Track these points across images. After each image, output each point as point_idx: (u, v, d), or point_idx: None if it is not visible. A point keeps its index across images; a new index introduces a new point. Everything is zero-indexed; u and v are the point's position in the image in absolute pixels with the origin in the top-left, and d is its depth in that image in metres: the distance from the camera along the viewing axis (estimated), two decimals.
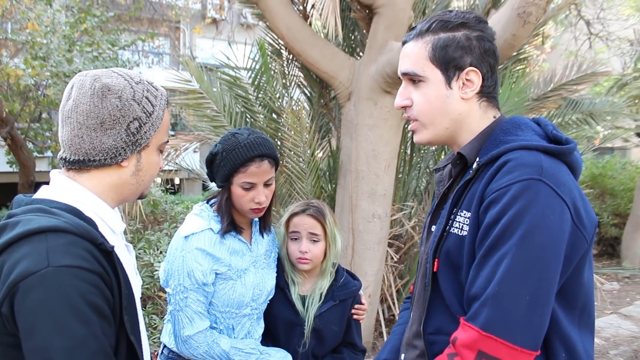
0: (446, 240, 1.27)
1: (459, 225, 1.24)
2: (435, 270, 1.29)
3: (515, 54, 4.96)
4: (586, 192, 9.11)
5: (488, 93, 1.33)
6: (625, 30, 11.40)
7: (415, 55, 1.33)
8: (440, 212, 1.39)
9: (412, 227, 4.73)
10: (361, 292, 2.25)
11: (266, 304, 2.07)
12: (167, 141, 1.39)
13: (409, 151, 5.04)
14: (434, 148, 5.15)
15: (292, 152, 4.10)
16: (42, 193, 1.25)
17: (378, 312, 4.45)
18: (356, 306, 2.20)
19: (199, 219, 1.94)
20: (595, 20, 10.56)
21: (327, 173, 4.82)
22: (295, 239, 2.06)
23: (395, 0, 3.71)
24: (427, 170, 5.19)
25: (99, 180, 1.27)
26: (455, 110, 1.31)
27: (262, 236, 2.09)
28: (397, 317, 4.41)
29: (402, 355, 1.48)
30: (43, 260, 1.06)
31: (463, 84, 1.30)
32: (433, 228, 1.40)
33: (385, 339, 4.13)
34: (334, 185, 4.68)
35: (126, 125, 1.24)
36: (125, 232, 4.21)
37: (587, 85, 4.99)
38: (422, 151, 5.17)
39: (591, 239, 1.20)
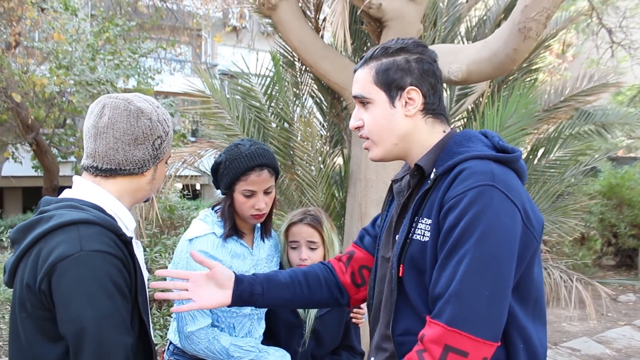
0: (409, 247, 1.37)
1: (421, 232, 1.35)
2: (400, 275, 1.39)
3: (526, 65, 5.01)
4: (603, 202, 9.05)
5: (432, 110, 1.45)
6: None
7: (362, 79, 1.48)
8: (402, 221, 1.49)
9: None
10: None
11: None
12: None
13: None
14: None
15: (304, 161, 4.20)
16: (68, 194, 1.48)
17: None
18: (354, 310, 2.30)
19: (204, 224, 2.07)
20: (618, 29, 10.49)
21: (339, 181, 4.91)
22: (295, 247, 2.17)
23: (405, 14, 3.80)
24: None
25: (121, 186, 1.50)
26: (401, 127, 1.44)
27: (264, 241, 2.20)
28: None
29: (372, 359, 1.58)
30: (77, 245, 1.28)
31: (406, 102, 1.43)
32: (397, 237, 1.49)
33: None
34: (345, 193, 4.77)
35: (152, 142, 1.48)
36: (142, 236, 4.37)
37: (598, 96, 4.99)
38: None
39: (539, 237, 1.31)
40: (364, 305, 2.36)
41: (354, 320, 2.33)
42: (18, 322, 1.36)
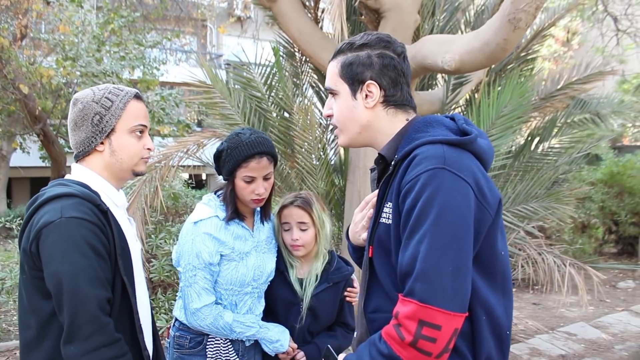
0: (377, 229, 1.48)
1: (386, 215, 1.45)
2: (370, 255, 1.50)
3: (523, 54, 5.09)
4: (604, 190, 9.11)
5: (394, 101, 1.54)
6: None
7: (331, 72, 1.59)
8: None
9: None
10: (354, 276, 2.47)
11: (267, 285, 2.30)
12: (144, 125, 1.77)
13: None
14: None
15: (303, 149, 4.31)
16: (66, 176, 1.73)
17: None
18: (348, 289, 2.42)
19: (207, 208, 2.19)
20: (623, 17, 10.46)
21: (339, 169, 5.01)
22: (287, 229, 2.29)
23: (402, 4, 3.88)
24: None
25: (92, 165, 1.72)
26: (362, 117, 1.54)
27: (263, 224, 2.32)
28: None
29: (355, 333, 1.70)
30: (58, 213, 1.51)
31: (366, 95, 1.53)
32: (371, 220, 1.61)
33: None
34: (344, 181, 4.87)
35: (90, 120, 1.67)
36: (146, 223, 4.49)
37: (595, 85, 5.05)
38: None
39: (495, 212, 1.40)
40: (356, 284, 2.48)
41: (347, 298, 2.44)
42: (21, 283, 1.62)
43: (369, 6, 3.96)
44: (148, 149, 1.77)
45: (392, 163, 1.48)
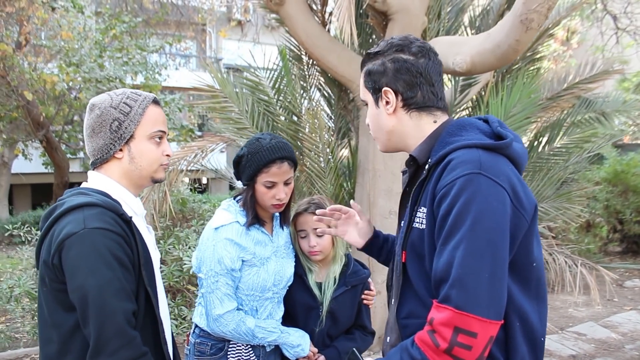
0: (410, 234, 1.47)
1: (419, 220, 1.44)
2: (403, 261, 1.49)
3: (529, 54, 5.09)
4: (609, 189, 9.11)
5: (414, 103, 1.52)
6: None
7: (360, 84, 1.63)
8: (404, 209, 1.59)
9: None
10: (370, 279, 2.46)
11: (286, 289, 2.29)
12: (163, 131, 1.73)
13: None
14: None
15: (312, 152, 4.30)
16: (83, 185, 1.69)
17: None
18: (366, 292, 2.41)
19: (227, 213, 2.18)
20: (622, 15, 10.45)
21: (347, 172, 5.01)
22: (304, 236, 2.28)
23: (409, 7, 3.88)
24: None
25: (111, 172, 1.67)
26: (386, 124, 1.56)
27: (282, 229, 2.31)
28: None
29: (388, 338, 1.68)
30: (81, 224, 1.46)
31: (386, 102, 1.54)
32: (402, 224, 1.60)
33: None
34: (353, 184, 4.87)
35: (109, 126, 1.62)
36: (155, 229, 4.48)
37: (601, 84, 5.05)
38: None
39: (531, 218, 1.39)
40: (373, 287, 2.47)
41: (365, 301, 2.44)
42: (41, 296, 1.57)
43: (377, 9, 3.96)
44: (167, 155, 1.73)
45: (426, 167, 1.47)
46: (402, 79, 1.52)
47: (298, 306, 2.32)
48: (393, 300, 1.60)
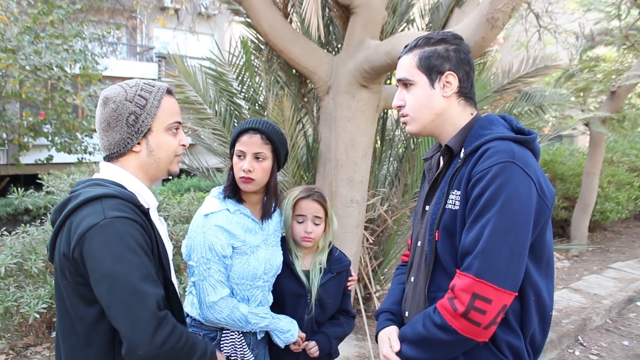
0: (443, 215, 1.62)
1: (452, 202, 1.60)
2: (437, 239, 1.63)
3: None
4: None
5: (465, 93, 1.70)
6: (572, 24, 11.98)
7: (407, 65, 1.72)
8: (434, 193, 1.74)
9: (385, 211, 5.07)
10: (351, 267, 2.57)
11: (275, 278, 2.34)
12: (179, 122, 1.72)
13: (379, 140, 5.37)
14: (401, 138, 5.52)
15: None
16: (95, 176, 1.66)
17: (356, 291, 4.78)
18: (350, 278, 2.52)
19: (217, 201, 2.21)
20: (544, 14, 11.08)
21: (306, 162, 5.09)
22: (301, 221, 2.34)
23: (372, 1, 4.00)
24: (398, 158, 5.54)
25: (127, 165, 1.65)
26: (438, 105, 1.68)
27: (271, 217, 2.36)
28: (373, 295, 4.75)
29: (407, 312, 1.81)
30: (100, 215, 1.44)
31: (444, 85, 1.67)
32: (427, 207, 1.75)
33: (363, 315, 4.46)
34: (312, 173, 4.96)
35: (125, 120, 1.60)
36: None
37: (540, 78, 5.40)
38: (391, 140, 5.52)
39: (551, 206, 1.57)
40: (353, 273, 2.59)
41: (349, 287, 2.54)
42: (61, 288, 1.53)
43: (340, 2, 4.05)
44: (183, 145, 1.72)
45: (461, 156, 1.61)
46: (463, 69, 1.67)
47: (287, 294, 2.37)
48: (418, 277, 1.73)
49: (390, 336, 1.76)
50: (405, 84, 1.72)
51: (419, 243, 1.78)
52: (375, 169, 5.29)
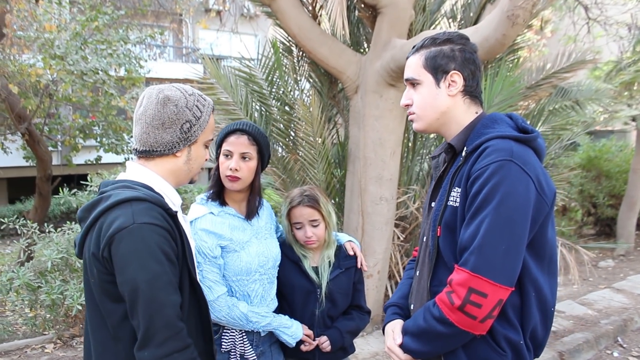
0: (445, 211, 1.67)
1: (454, 198, 1.65)
2: (439, 235, 1.68)
3: (509, 44, 5.28)
4: (583, 174, 9.45)
5: (470, 92, 1.74)
6: (623, 15, 11.56)
7: (413, 65, 1.78)
8: (439, 190, 1.79)
9: (417, 209, 5.09)
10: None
11: (276, 270, 2.39)
12: (212, 139, 1.82)
13: (412, 139, 5.39)
14: (433, 136, 5.51)
15: (304, 142, 4.44)
16: (123, 176, 1.73)
17: (386, 288, 4.83)
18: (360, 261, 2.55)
19: (201, 206, 2.29)
20: (594, 5, 10.74)
21: (337, 160, 5.16)
22: (299, 227, 2.39)
23: (398, 0, 4.03)
24: (429, 156, 5.53)
25: (161, 167, 1.72)
26: (443, 104, 1.73)
27: (258, 213, 2.38)
28: None
29: (412, 306, 1.87)
30: (130, 219, 1.50)
31: (449, 84, 1.71)
32: (433, 204, 1.80)
33: None
34: (343, 171, 5.03)
35: (180, 126, 1.67)
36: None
37: (575, 73, 5.28)
38: (424, 138, 5.52)
39: (551, 203, 1.59)
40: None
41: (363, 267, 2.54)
42: (90, 285, 1.62)
43: (366, 2, 4.11)
44: (206, 159, 1.84)
45: (463, 154, 1.67)
46: (468, 68, 1.71)
47: (297, 290, 2.41)
48: (422, 272, 1.80)
49: (394, 329, 1.82)
50: (413, 83, 1.77)
51: (424, 239, 1.84)
52: (407, 166, 5.31)
